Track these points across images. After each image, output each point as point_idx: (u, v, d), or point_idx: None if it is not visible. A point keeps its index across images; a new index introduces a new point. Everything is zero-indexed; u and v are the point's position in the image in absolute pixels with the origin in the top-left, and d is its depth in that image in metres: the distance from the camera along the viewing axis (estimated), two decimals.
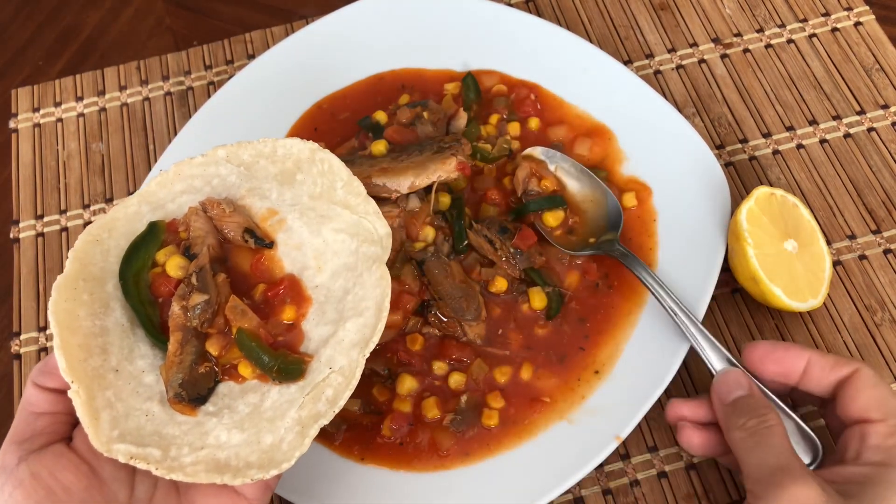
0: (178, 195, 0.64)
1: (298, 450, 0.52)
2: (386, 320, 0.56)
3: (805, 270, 0.71)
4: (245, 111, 0.83)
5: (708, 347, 0.65)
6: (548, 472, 0.65)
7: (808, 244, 0.72)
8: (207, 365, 0.57)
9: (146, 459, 0.51)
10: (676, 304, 0.67)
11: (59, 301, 0.56)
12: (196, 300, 0.57)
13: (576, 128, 0.82)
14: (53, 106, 0.91)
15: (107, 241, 0.61)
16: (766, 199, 0.71)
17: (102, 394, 0.54)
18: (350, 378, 0.54)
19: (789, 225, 0.71)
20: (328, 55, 0.86)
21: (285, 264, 0.61)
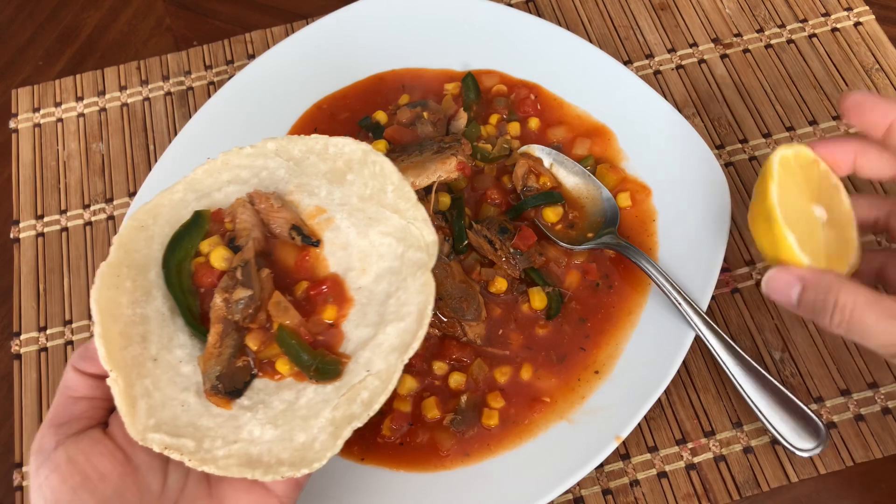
0: (224, 185, 0.63)
1: (330, 451, 0.51)
2: (427, 327, 0.55)
3: (827, 243, 0.61)
4: (245, 111, 0.83)
5: (712, 337, 0.66)
6: (548, 473, 0.65)
7: (839, 225, 0.63)
8: (245, 359, 0.57)
9: (180, 450, 0.51)
10: (679, 292, 0.68)
11: (102, 288, 0.55)
12: (240, 295, 0.56)
13: (575, 128, 0.82)
14: (53, 106, 0.91)
15: (151, 227, 0.61)
16: (807, 161, 0.63)
17: (140, 382, 0.54)
18: (387, 382, 0.53)
19: (824, 197, 0.63)
20: (328, 55, 0.86)
21: (330, 263, 0.61)
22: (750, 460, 0.69)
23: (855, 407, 0.71)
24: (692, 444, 0.70)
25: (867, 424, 0.70)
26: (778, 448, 0.70)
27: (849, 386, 0.72)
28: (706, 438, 0.70)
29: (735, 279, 0.77)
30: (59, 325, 0.79)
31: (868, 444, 0.69)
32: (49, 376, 0.77)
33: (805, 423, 0.64)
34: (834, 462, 0.69)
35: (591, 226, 0.76)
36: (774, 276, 0.57)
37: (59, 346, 0.78)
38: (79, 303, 0.80)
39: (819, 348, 0.73)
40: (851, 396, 0.71)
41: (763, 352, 0.73)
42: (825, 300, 0.54)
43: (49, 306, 0.80)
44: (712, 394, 0.72)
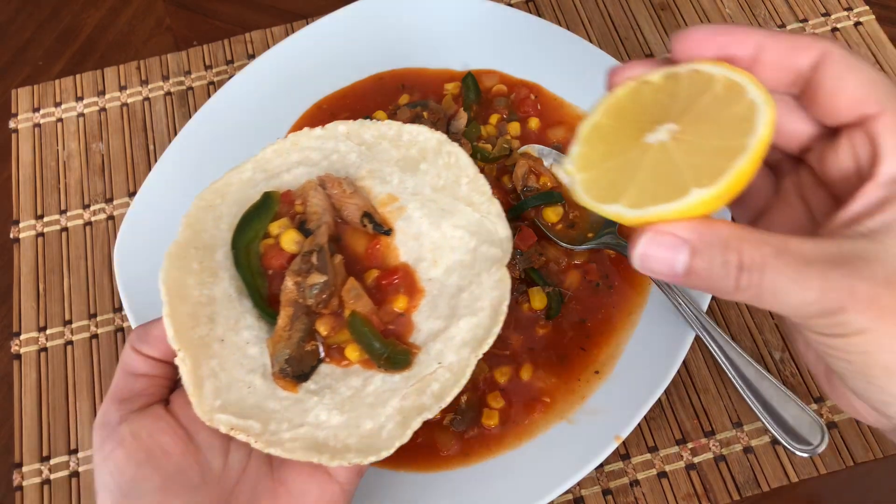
0: (293, 166, 0.63)
1: (399, 440, 0.51)
2: (502, 324, 0.55)
3: (688, 155, 0.41)
4: (245, 111, 0.83)
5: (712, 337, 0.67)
6: (548, 473, 0.65)
7: (708, 115, 0.41)
8: (314, 343, 0.57)
9: (246, 431, 0.50)
10: (679, 292, 0.68)
11: (170, 269, 0.55)
12: (314, 280, 0.55)
13: (575, 128, 0.81)
14: (53, 106, 0.91)
15: (219, 206, 0.60)
16: (630, 95, 0.45)
17: (207, 363, 0.53)
18: (459, 376, 0.53)
19: (674, 106, 0.43)
20: (328, 55, 0.86)
21: (400, 253, 0.60)
22: (750, 460, 0.69)
23: None
24: (692, 444, 0.70)
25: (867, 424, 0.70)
26: (778, 448, 0.70)
27: None
28: (706, 438, 0.70)
29: None
30: (59, 325, 0.79)
31: (868, 444, 0.69)
32: (49, 376, 0.77)
33: (805, 423, 0.64)
34: (834, 462, 0.69)
35: (591, 226, 0.76)
36: (650, 246, 0.40)
37: (58, 346, 0.78)
38: (79, 303, 0.80)
39: None
40: None
41: (763, 351, 0.73)
42: (724, 263, 0.39)
43: (49, 306, 0.80)
44: (712, 394, 0.72)
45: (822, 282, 0.37)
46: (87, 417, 0.75)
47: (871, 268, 0.37)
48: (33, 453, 0.74)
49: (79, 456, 0.73)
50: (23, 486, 0.72)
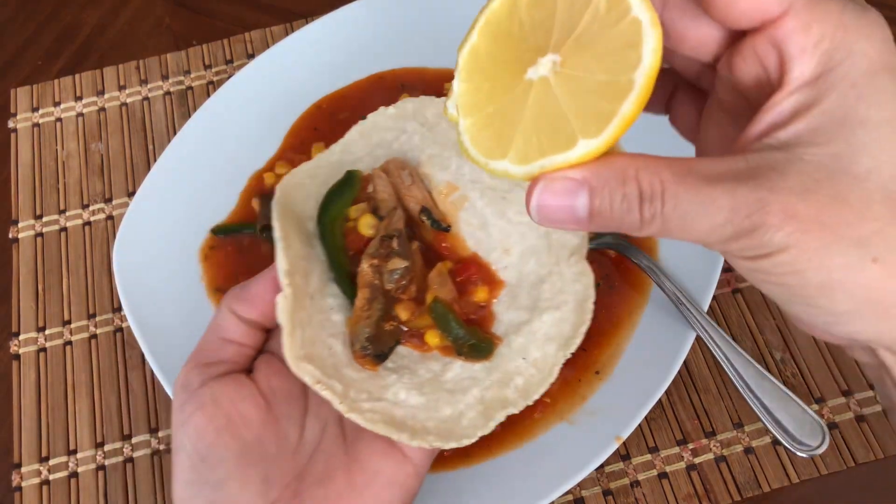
0: (374, 147, 0.62)
1: (481, 430, 0.50)
2: (590, 323, 0.53)
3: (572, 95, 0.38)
4: (244, 111, 0.83)
5: (713, 336, 0.67)
6: (548, 473, 0.65)
7: (591, 40, 0.38)
8: (392, 323, 0.56)
9: (331, 389, 0.49)
10: (680, 292, 0.68)
11: (280, 214, 0.54)
12: (396, 265, 0.55)
13: None
14: (52, 106, 0.91)
15: (309, 186, 0.60)
16: (506, 12, 0.42)
17: (298, 313, 0.52)
18: (547, 375, 0.52)
19: (555, 27, 0.39)
20: (328, 54, 0.86)
21: (469, 244, 0.59)
22: (751, 461, 0.69)
23: (856, 407, 0.71)
24: (693, 445, 0.70)
25: (868, 425, 0.70)
26: (779, 448, 0.69)
27: (850, 386, 0.71)
28: (707, 439, 0.70)
29: (736, 279, 0.77)
30: (58, 325, 0.79)
31: (869, 444, 0.69)
32: (48, 377, 0.77)
33: (806, 424, 0.64)
34: (835, 462, 0.69)
35: None
36: (545, 195, 0.38)
37: (58, 346, 0.78)
38: (78, 303, 0.80)
39: (820, 348, 0.73)
40: (853, 396, 0.71)
41: (764, 352, 0.73)
42: (624, 197, 0.36)
43: (48, 306, 0.80)
44: (713, 394, 0.72)
45: (730, 200, 0.34)
46: (87, 418, 0.75)
47: (784, 178, 0.34)
48: (32, 454, 0.74)
49: (78, 456, 0.73)
50: (22, 487, 0.72)
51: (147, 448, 0.73)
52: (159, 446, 0.73)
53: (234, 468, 0.48)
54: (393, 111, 0.62)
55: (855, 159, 0.34)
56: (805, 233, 0.34)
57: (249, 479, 0.48)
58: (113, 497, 0.72)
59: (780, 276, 0.36)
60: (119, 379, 0.76)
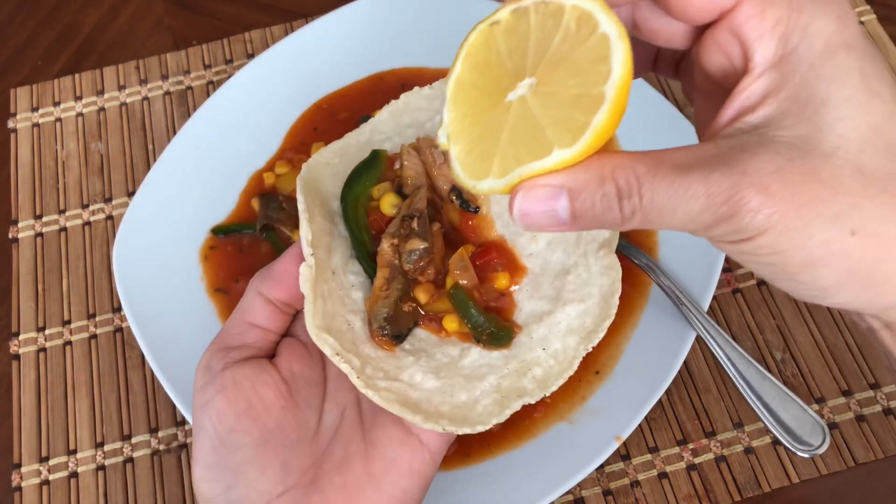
0: (404, 128, 0.61)
1: (496, 418, 0.50)
2: (614, 317, 0.52)
3: (547, 109, 0.40)
4: (244, 111, 0.83)
5: (713, 336, 0.67)
6: (548, 473, 0.65)
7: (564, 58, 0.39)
8: (411, 304, 0.55)
9: (350, 362, 0.49)
10: (680, 292, 0.68)
11: (304, 189, 0.53)
12: (415, 245, 0.54)
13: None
14: (52, 105, 0.91)
15: (336, 165, 0.59)
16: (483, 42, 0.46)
17: (320, 285, 0.52)
18: (566, 367, 0.52)
19: (529, 51, 0.41)
20: (328, 55, 0.86)
21: (497, 226, 0.58)
22: (751, 461, 0.69)
23: (856, 407, 0.71)
24: (693, 445, 0.70)
25: (868, 425, 0.70)
26: (779, 448, 0.69)
27: (850, 386, 0.71)
28: (707, 439, 0.70)
29: (736, 279, 0.77)
30: (58, 325, 0.79)
31: (869, 444, 0.69)
32: (48, 377, 0.77)
33: (807, 424, 0.64)
34: (835, 463, 0.69)
35: None
36: (526, 202, 0.39)
37: (57, 346, 0.78)
38: (77, 303, 0.80)
39: (821, 349, 0.73)
40: (853, 397, 0.71)
41: (764, 352, 0.73)
42: (604, 196, 0.38)
43: (48, 306, 0.80)
44: (713, 394, 0.72)
45: (705, 187, 0.35)
46: (87, 418, 0.75)
47: (756, 160, 0.35)
48: (32, 454, 0.73)
49: (78, 457, 0.73)
50: (22, 487, 0.72)
51: (147, 448, 0.73)
52: (159, 446, 0.73)
53: (253, 454, 0.48)
54: (429, 91, 0.61)
55: (822, 137, 0.35)
56: (783, 214, 0.34)
57: (268, 465, 0.48)
58: (113, 497, 0.71)
59: (764, 257, 0.36)
60: (119, 379, 0.76)
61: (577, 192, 0.38)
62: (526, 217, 0.39)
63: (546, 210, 0.39)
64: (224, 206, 0.80)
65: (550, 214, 0.39)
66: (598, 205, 0.38)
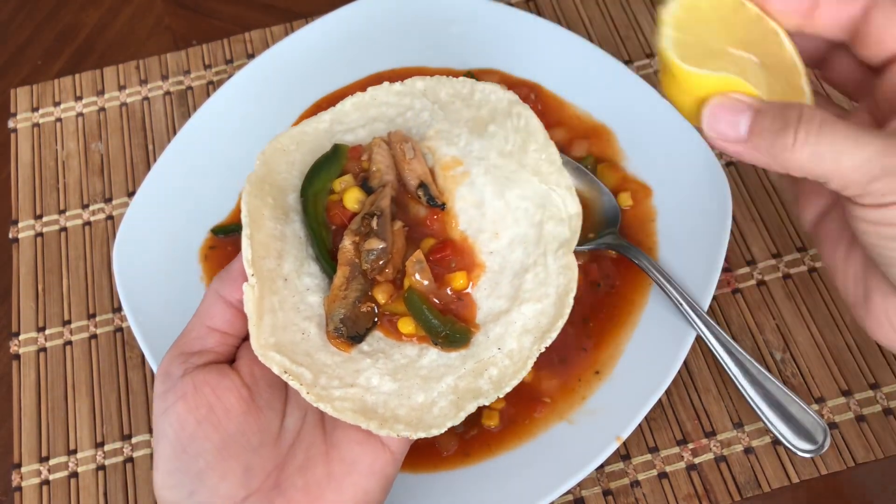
0: (370, 121, 0.61)
1: (451, 421, 0.50)
2: (567, 317, 0.52)
3: (769, 86, 0.47)
4: (244, 111, 0.83)
5: (713, 337, 0.67)
6: (548, 473, 0.65)
7: (780, 73, 0.48)
8: (370, 304, 0.55)
9: (299, 378, 0.49)
10: (680, 293, 0.68)
11: (251, 193, 0.53)
12: (372, 245, 0.54)
13: (575, 128, 0.81)
14: (52, 106, 0.91)
15: (293, 153, 0.59)
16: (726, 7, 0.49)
17: (270, 298, 0.52)
18: (520, 367, 0.52)
19: (755, 44, 0.49)
20: (327, 54, 0.86)
21: (460, 221, 0.57)
22: (751, 461, 0.69)
23: (856, 407, 0.71)
24: (693, 445, 0.70)
25: (868, 425, 0.70)
26: (779, 448, 0.69)
27: (850, 386, 0.71)
28: (707, 439, 0.70)
29: (736, 279, 0.77)
30: (58, 325, 0.79)
31: (869, 444, 0.69)
32: (48, 377, 0.77)
33: (807, 424, 0.64)
34: (835, 463, 0.69)
35: (592, 226, 0.76)
36: (717, 107, 0.44)
37: (57, 346, 0.78)
38: (78, 303, 0.80)
39: (820, 349, 0.73)
40: (853, 397, 0.71)
41: (764, 352, 0.73)
42: (784, 117, 0.42)
43: (48, 306, 0.80)
44: (713, 394, 0.72)
45: (882, 141, 0.39)
46: (87, 418, 0.75)
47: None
48: (32, 454, 0.74)
49: (78, 456, 0.73)
50: (22, 487, 0.72)
51: (147, 448, 0.73)
52: None
53: (214, 459, 0.48)
54: (399, 87, 0.61)
55: None
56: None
57: (230, 470, 0.49)
58: (113, 497, 0.72)
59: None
60: (119, 379, 0.76)
61: (762, 111, 0.43)
62: (711, 118, 0.44)
63: (730, 119, 0.43)
64: (224, 206, 0.80)
65: (732, 124, 0.43)
66: (776, 123, 0.42)
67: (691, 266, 0.72)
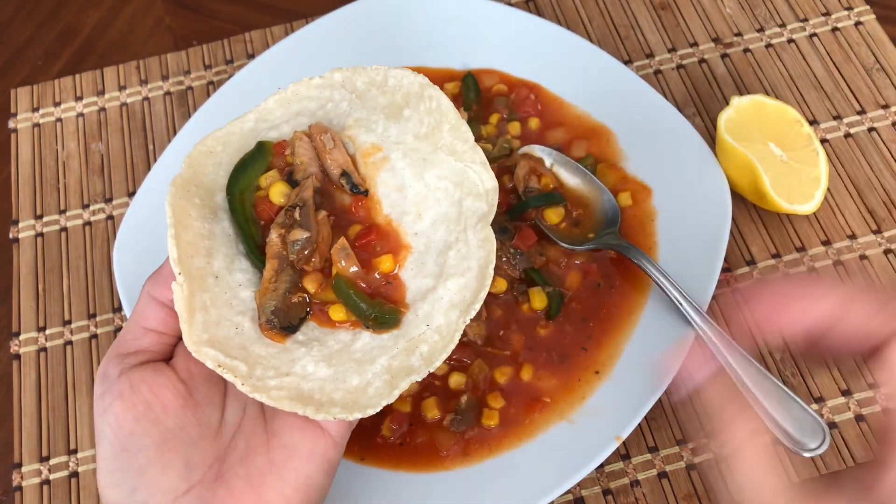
0: (293, 116, 0.62)
1: (385, 399, 0.50)
2: (489, 287, 0.54)
3: (795, 174, 0.75)
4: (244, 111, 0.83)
5: (713, 336, 0.67)
6: (548, 473, 0.65)
7: (802, 162, 0.76)
8: (301, 295, 0.56)
9: (233, 371, 0.50)
10: (680, 293, 0.68)
11: (176, 195, 0.54)
12: (297, 236, 0.55)
13: (575, 128, 0.82)
14: (53, 106, 0.91)
15: (220, 154, 0.60)
16: (748, 106, 0.77)
17: (200, 296, 0.53)
18: (448, 341, 0.52)
19: (775, 130, 0.76)
20: (327, 54, 0.86)
21: (384, 206, 0.58)
22: None
23: (856, 407, 0.71)
24: (693, 445, 0.70)
25: (868, 425, 0.70)
26: (779, 448, 0.69)
27: (850, 386, 0.71)
28: (707, 438, 0.70)
29: (735, 279, 0.77)
30: (59, 325, 0.79)
31: (869, 444, 0.69)
32: (48, 376, 0.77)
33: (807, 424, 0.64)
34: (835, 462, 0.69)
35: (592, 226, 0.76)
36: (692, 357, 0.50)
37: (58, 346, 0.78)
38: (78, 303, 0.80)
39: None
40: (852, 396, 0.71)
41: (764, 352, 0.73)
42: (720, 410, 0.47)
43: (48, 306, 0.80)
44: None
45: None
46: (87, 418, 0.75)
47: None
48: (33, 453, 0.74)
49: (78, 456, 0.73)
50: (22, 487, 0.72)
51: None
52: None
53: (154, 455, 0.49)
54: (319, 81, 0.62)
55: None
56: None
57: (170, 465, 0.49)
58: None
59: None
60: None
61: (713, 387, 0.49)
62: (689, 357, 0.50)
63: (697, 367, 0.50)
64: None
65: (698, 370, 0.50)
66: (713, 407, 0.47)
67: (691, 266, 0.72)
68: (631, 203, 0.77)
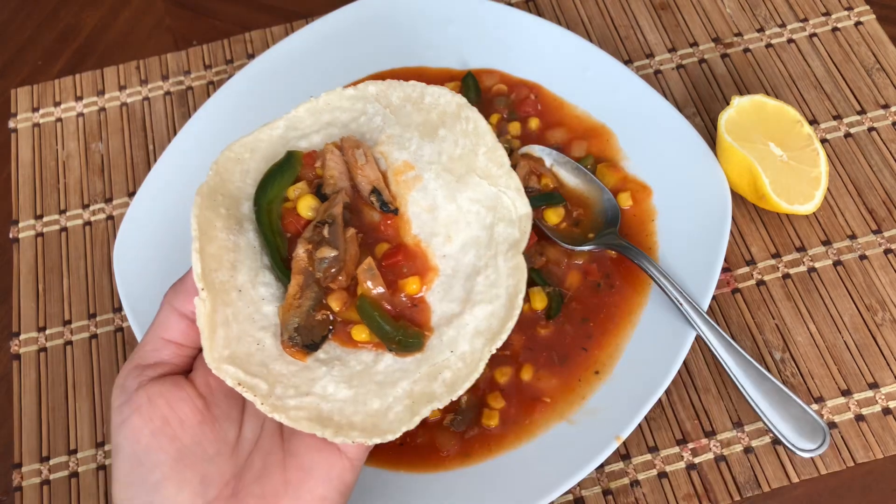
0: (324, 126, 0.61)
1: (406, 425, 0.50)
2: (517, 318, 0.52)
3: (795, 174, 0.76)
4: (244, 111, 0.83)
5: (713, 336, 0.67)
6: (548, 473, 0.65)
7: (802, 163, 0.76)
8: (325, 312, 0.55)
9: (253, 390, 0.49)
10: (680, 293, 0.68)
11: (202, 205, 0.54)
12: (324, 254, 0.54)
13: (575, 128, 0.82)
14: (53, 106, 0.91)
15: (248, 161, 0.59)
16: (748, 106, 0.77)
17: (223, 310, 0.52)
18: (472, 369, 0.51)
19: (775, 130, 0.77)
20: (328, 55, 0.86)
21: (413, 226, 0.58)
22: (751, 460, 0.69)
23: (856, 407, 0.71)
24: (693, 445, 0.70)
25: (868, 424, 0.70)
26: (779, 448, 0.70)
27: (849, 386, 0.72)
28: (707, 439, 0.70)
29: (735, 279, 0.77)
30: (59, 325, 0.79)
31: (869, 444, 0.69)
32: (48, 376, 0.77)
33: (807, 424, 0.64)
34: (834, 462, 0.69)
35: (592, 226, 0.76)
36: None
37: (58, 346, 0.78)
38: (78, 303, 0.80)
39: (820, 348, 0.73)
40: (852, 396, 0.71)
41: (764, 352, 0.73)
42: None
43: (48, 306, 0.80)
44: (713, 394, 0.72)
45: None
46: (87, 418, 0.75)
47: None
48: (33, 454, 0.74)
49: (78, 456, 0.73)
50: (22, 487, 0.72)
51: None
52: None
53: (170, 470, 0.49)
54: (352, 92, 0.61)
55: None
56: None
57: (187, 481, 0.49)
58: None
59: None
60: None
61: None
62: None
63: None
64: None
65: None
66: None
67: (691, 266, 0.72)
68: (631, 203, 0.77)
